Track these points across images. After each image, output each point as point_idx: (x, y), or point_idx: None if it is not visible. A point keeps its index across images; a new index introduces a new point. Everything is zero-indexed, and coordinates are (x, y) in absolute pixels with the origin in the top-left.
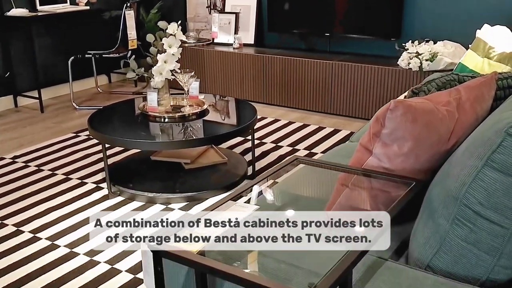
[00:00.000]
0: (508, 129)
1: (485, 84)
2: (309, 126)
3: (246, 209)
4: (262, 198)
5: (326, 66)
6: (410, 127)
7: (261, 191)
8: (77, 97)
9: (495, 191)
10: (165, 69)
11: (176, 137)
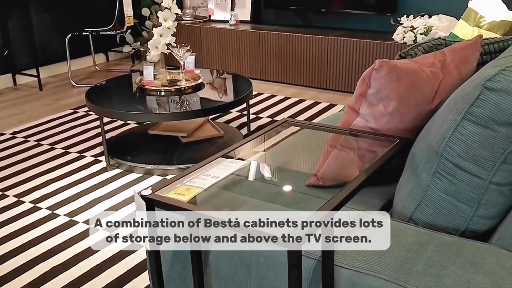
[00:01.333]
0: (485, 82)
1: (470, 46)
2: (305, 101)
3: (235, 164)
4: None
5: (322, 42)
6: (395, 87)
7: (258, 167)
8: (75, 75)
9: (473, 143)
10: (160, 42)
11: (172, 109)
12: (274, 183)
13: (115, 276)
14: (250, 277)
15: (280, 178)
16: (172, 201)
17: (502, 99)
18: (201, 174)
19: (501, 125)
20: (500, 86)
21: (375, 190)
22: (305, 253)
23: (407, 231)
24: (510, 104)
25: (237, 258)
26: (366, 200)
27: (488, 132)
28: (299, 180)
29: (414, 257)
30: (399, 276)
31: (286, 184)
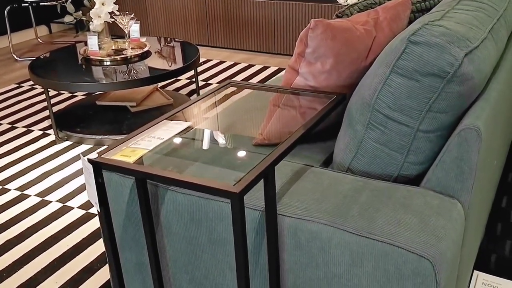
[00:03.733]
0: (409, 37)
1: (401, 4)
2: (254, 66)
3: (181, 126)
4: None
5: (268, 6)
6: (331, 44)
7: (211, 134)
8: (17, 49)
9: (401, 95)
10: (103, 11)
11: (119, 78)
12: (221, 144)
13: (71, 245)
14: (201, 231)
15: (227, 139)
16: (118, 162)
17: (425, 51)
18: (146, 137)
19: (424, 76)
20: (423, 40)
21: (318, 146)
22: (250, 205)
23: (344, 180)
24: (432, 56)
25: (187, 215)
26: (309, 155)
27: (414, 83)
28: (246, 139)
29: (350, 202)
30: (337, 220)
31: (233, 144)
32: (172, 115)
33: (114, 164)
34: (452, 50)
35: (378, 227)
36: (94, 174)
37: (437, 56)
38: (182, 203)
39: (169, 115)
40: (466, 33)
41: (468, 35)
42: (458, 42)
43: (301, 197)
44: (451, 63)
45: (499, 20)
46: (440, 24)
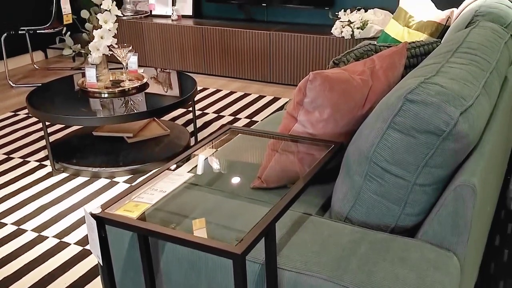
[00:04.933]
0: (406, 95)
1: (396, 53)
2: (250, 95)
3: (182, 177)
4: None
5: (264, 36)
6: (328, 95)
7: (206, 159)
8: (13, 75)
9: (398, 149)
10: (102, 44)
11: (117, 111)
12: (220, 188)
13: (68, 283)
14: (200, 280)
15: (225, 182)
16: (121, 218)
17: (421, 109)
18: (148, 189)
19: (421, 133)
20: (419, 98)
21: (315, 189)
22: (250, 258)
23: (343, 231)
24: (428, 114)
25: (187, 264)
26: (307, 199)
27: (410, 139)
28: (244, 182)
29: (349, 255)
30: (336, 275)
31: (232, 188)
32: (173, 165)
33: (117, 220)
34: (447, 109)
35: (376, 282)
36: (97, 228)
37: (433, 114)
38: (182, 252)
39: (169, 166)
40: (461, 91)
41: (463, 92)
42: (453, 101)
43: (301, 249)
44: (446, 122)
45: (492, 73)
46: (435, 82)
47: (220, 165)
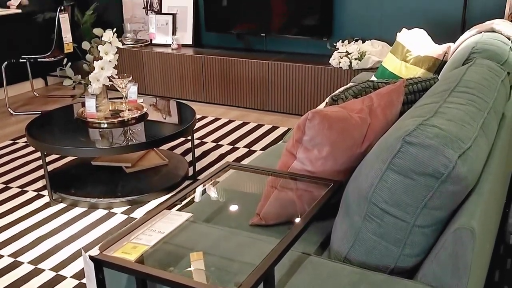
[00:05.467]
0: (405, 137)
1: (394, 91)
2: (249, 124)
3: (180, 217)
4: (206, 196)
5: (263, 66)
6: (327, 134)
7: (204, 189)
8: (12, 102)
9: (397, 191)
10: (102, 75)
11: (116, 142)
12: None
13: None
14: None
15: (224, 219)
16: (119, 261)
17: (419, 152)
18: (147, 230)
19: (420, 175)
20: (417, 141)
21: (313, 225)
22: None
23: (342, 272)
24: (426, 157)
25: None
26: (306, 237)
27: (409, 181)
28: (243, 218)
29: None
30: None
31: (230, 225)
32: (172, 204)
33: (115, 262)
34: (446, 152)
35: None
36: (95, 270)
37: (431, 157)
38: None
39: (168, 204)
40: (459, 133)
41: (461, 134)
42: (451, 143)
43: None
44: (445, 165)
45: (489, 113)
46: (433, 123)
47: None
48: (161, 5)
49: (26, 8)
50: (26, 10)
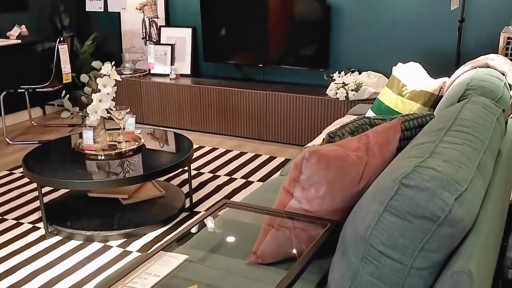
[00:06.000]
0: (402, 179)
1: (391, 128)
2: (246, 154)
3: (176, 259)
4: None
5: (260, 96)
6: (324, 173)
7: (202, 223)
8: (10, 131)
9: (394, 233)
10: (100, 107)
11: (113, 175)
12: (215, 265)
13: None
14: None
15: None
16: None
17: (416, 195)
18: (142, 273)
19: (417, 218)
20: (414, 183)
21: (310, 264)
22: None
23: None
24: (423, 200)
25: None
26: (303, 275)
27: (406, 223)
28: (240, 257)
29: None
30: None
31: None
32: (168, 244)
33: None
34: (442, 195)
35: None
36: None
37: (428, 200)
38: None
39: (164, 245)
40: (455, 175)
41: (457, 176)
42: (448, 186)
43: None
44: (442, 208)
45: (485, 153)
46: (430, 165)
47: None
48: (160, 36)
49: (26, 38)
50: (25, 41)
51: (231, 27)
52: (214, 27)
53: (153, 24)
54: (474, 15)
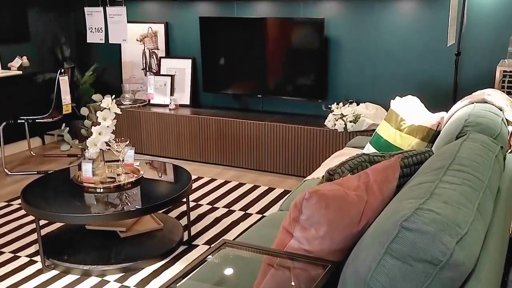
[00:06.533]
0: (402, 222)
1: (390, 167)
2: (245, 185)
3: None
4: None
5: (259, 126)
6: (325, 213)
7: (200, 262)
8: (9, 162)
9: (395, 276)
10: (100, 140)
11: (112, 208)
12: None
13: None
14: None
15: None
16: None
17: (417, 238)
18: None
19: (418, 262)
20: (415, 227)
21: None
22: None
23: None
24: (424, 243)
25: None
26: None
27: (407, 267)
28: None
29: None
30: None
31: None
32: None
33: None
34: (443, 239)
35: None
36: None
37: (429, 244)
38: None
39: None
40: (456, 217)
41: (458, 219)
42: (448, 229)
43: None
44: (443, 252)
45: (484, 193)
46: (430, 208)
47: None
48: (160, 67)
49: (27, 69)
50: (26, 72)
51: (230, 58)
52: (214, 58)
53: (153, 55)
54: (470, 48)
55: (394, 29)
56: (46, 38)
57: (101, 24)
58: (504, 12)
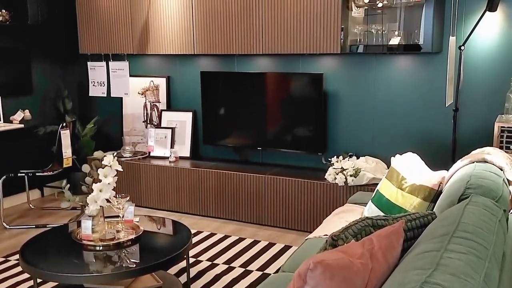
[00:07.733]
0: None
1: (394, 232)
2: (245, 240)
3: None
4: None
5: (259, 179)
6: (329, 284)
7: None
8: (7, 214)
9: None
10: (100, 197)
11: (110, 268)
12: None
13: None
14: None
15: None
16: None
17: None
18: None
19: None
20: None
21: None
22: None
23: None
24: None
25: None
26: None
27: None
28: None
29: None
30: None
31: None
32: None
33: None
34: None
35: None
36: None
37: None
38: None
39: None
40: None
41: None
42: None
43: None
44: None
45: (490, 261)
46: (436, 281)
47: None
48: (161, 119)
49: (29, 122)
50: (28, 125)
51: (231, 111)
52: (214, 111)
53: (154, 107)
54: (468, 104)
55: (391, 84)
56: (48, 91)
57: (103, 78)
58: (501, 67)
